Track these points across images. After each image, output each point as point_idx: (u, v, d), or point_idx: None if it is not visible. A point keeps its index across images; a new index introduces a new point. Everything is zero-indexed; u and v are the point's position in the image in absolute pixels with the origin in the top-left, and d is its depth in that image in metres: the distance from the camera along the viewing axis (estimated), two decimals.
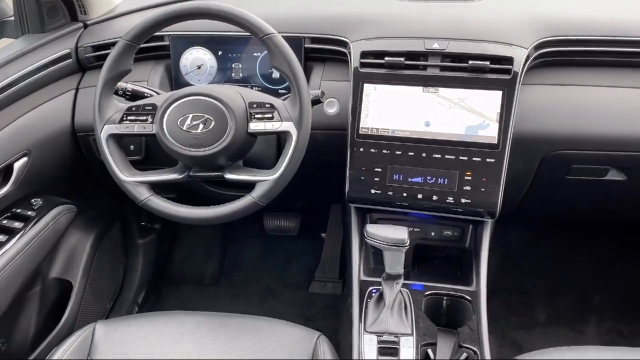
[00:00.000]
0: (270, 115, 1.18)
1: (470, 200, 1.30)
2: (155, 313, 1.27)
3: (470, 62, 1.29)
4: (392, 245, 1.15)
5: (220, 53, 1.49)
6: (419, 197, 1.33)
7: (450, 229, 1.45)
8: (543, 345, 1.17)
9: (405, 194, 1.33)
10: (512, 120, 1.27)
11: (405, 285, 1.32)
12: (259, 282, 2.20)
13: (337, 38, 1.42)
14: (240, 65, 1.50)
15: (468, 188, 1.30)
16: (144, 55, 1.51)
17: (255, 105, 1.19)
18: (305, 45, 1.43)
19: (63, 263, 1.64)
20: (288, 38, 1.20)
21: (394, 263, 1.19)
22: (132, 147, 1.49)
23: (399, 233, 1.16)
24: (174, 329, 1.20)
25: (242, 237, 2.34)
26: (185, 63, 1.50)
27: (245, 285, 2.20)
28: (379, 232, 1.17)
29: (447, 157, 1.31)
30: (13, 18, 1.57)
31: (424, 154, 1.32)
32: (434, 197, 1.32)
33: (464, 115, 1.30)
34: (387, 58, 1.32)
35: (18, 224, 1.39)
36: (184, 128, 1.17)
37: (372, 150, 1.34)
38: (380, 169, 1.34)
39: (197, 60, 1.50)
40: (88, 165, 1.60)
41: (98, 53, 1.54)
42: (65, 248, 1.65)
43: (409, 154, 1.32)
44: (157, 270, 2.16)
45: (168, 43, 1.49)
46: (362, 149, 1.35)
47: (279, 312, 2.05)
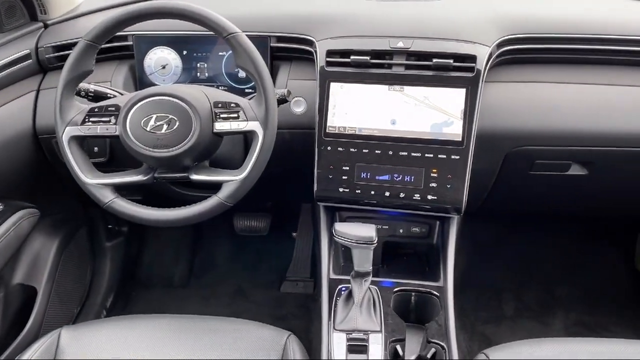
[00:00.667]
0: (236, 115, 1.17)
1: (437, 197, 1.32)
2: (123, 317, 1.25)
3: (434, 60, 1.30)
4: (360, 243, 1.16)
5: (185, 52, 1.48)
6: (387, 194, 1.34)
7: (418, 226, 1.46)
8: (511, 338, 1.19)
9: (373, 192, 1.34)
10: (476, 118, 1.29)
11: (375, 283, 1.33)
12: (230, 282, 2.19)
13: (303, 37, 1.42)
14: (206, 65, 1.49)
15: (434, 185, 1.31)
16: (108, 56, 1.49)
17: (221, 105, 1.18)
18: (271, 44, 1.43)
19: (27, 268, 1.61)
20: (253, 37, 1.20)
21: (363, 261, 1.20)
22: (96, 149, 1.46)
23: (367, 231, 1.17)
24: (142, 333, 1.18)
25: (212, 237, 2.32)
26: (150, 63, 1.48)
27: (216, 286, 2.17)
28: (347, 230, 1.18)
29: (413, 154, 1.32)
30: None
31: (391, 152, 1.33)
32: (401, 194, 1.33)
33: (429, 113, 1.31)
34: (352, 57, 1.33)
35: None
36: (148, 129, 1.15)
37: (339, 149, 1.35)
38: (348, 168, 1.35)
39: (161, 60, 1.48)
40: (52, 168, 1.56)
41: (59, 54, 1.51)
42: (29, 253, 1.62)
43: (376, 152, 1.33)
44: (125, 273, 2.12)
45: (132, 43, 1.47)
46: (329, 148, 1.35)
47: (251, 312, 2.03)
